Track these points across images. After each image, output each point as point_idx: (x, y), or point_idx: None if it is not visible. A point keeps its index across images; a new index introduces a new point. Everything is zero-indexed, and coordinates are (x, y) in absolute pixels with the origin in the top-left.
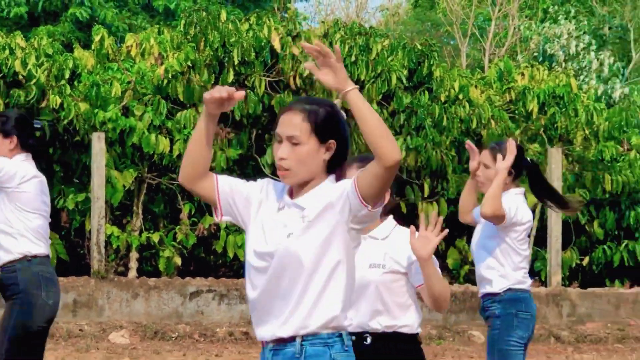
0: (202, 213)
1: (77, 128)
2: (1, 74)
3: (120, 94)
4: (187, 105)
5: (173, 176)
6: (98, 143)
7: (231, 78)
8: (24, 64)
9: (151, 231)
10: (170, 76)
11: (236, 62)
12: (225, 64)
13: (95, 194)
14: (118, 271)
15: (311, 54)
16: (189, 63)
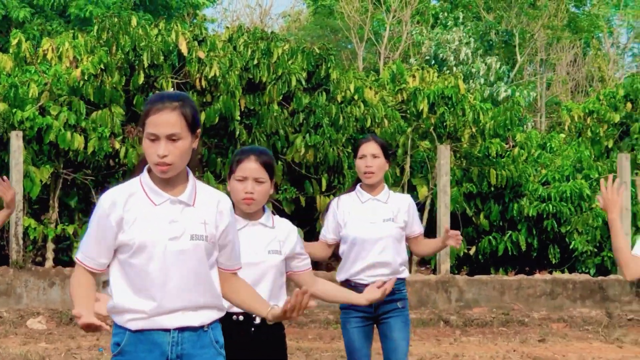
0: None
1: None
2: None
3: (37, 95)
4: (100, 105)
5: (87, 172)
6: (16, 141)
7: (141, 80)
8: None
9: (66, 223)
10: (84, 78)
11: (146, 65)
12: (135, 67)
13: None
14: (36, 261)
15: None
16: (102, 66)
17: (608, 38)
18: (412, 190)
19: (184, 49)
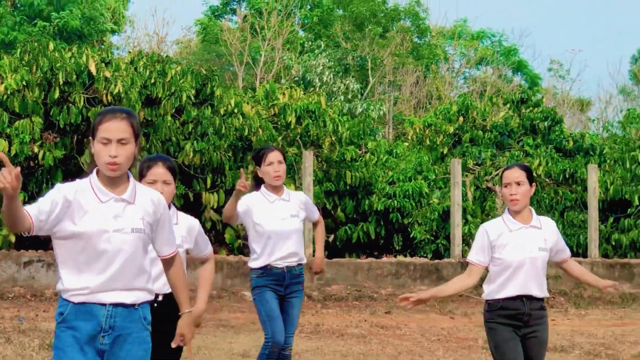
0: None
1: None
2: None
3: None
4: (22, 115)
5: None
6: None
7: (57, 95)
8: None
9: None
10: (9, 93)
11: (61, 82)
12: (52, 84)
13: None
14: None
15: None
16: (24, 83)
17: (444, 64)
18: None
19: (93, 70)
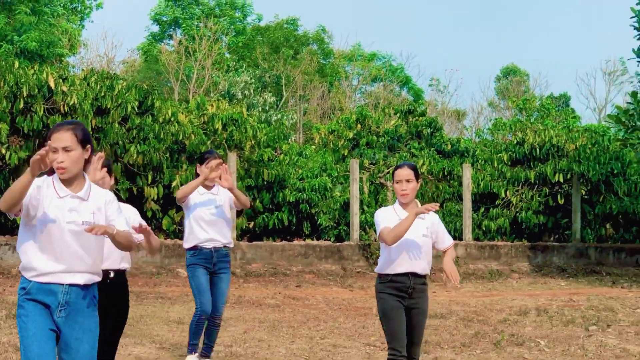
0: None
1: None
2: None
3: None
4: None
5: None
6: None
7: (22, 105)
8: None
9: None
10: None
11: (25, 95)
12: (17, 96)
13: None
14: None
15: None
16: None
17: (345, 81)
18: None
19: (52, 84)
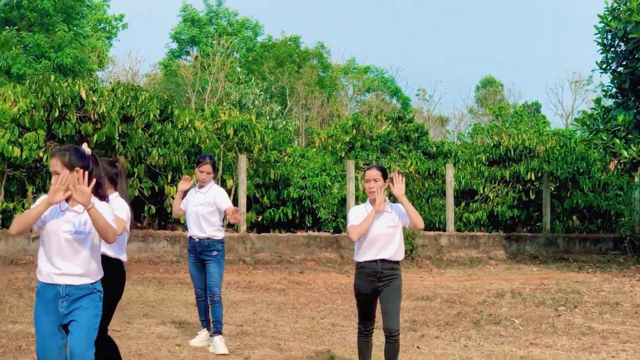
0: (41, 191)
1: None
2: None
3: None
4: (31, 129)
5: (22, 170)
6: None
7: (57, 114)
8: None
9: (9, 202)
10: (20, 113)
11: (60, 105)
12: (53, 106)
13: None
14: None
15: None
16: (32, 105)
17: (342, 91)
18: (224, 182)
19: (84, 95)
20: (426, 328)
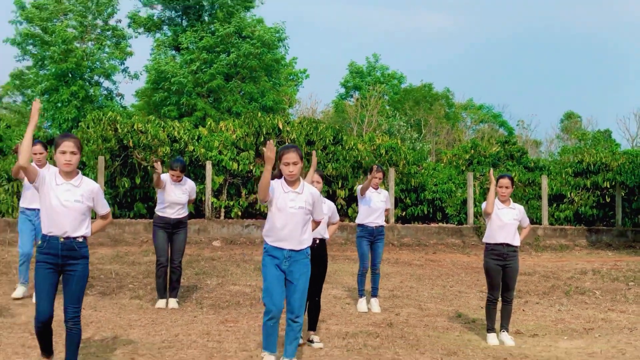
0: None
1: None
2: None
3: (217, 145)
4: (244, 149)
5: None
6: None
7: (261, 139)
8: None
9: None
10: (237, 138)
11: (264, 133)
12: (259, 133)
13: None
14: None
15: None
16: (245, 133)
17: (462, 122)
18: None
19: (281, 126)
20: (528, 296)
